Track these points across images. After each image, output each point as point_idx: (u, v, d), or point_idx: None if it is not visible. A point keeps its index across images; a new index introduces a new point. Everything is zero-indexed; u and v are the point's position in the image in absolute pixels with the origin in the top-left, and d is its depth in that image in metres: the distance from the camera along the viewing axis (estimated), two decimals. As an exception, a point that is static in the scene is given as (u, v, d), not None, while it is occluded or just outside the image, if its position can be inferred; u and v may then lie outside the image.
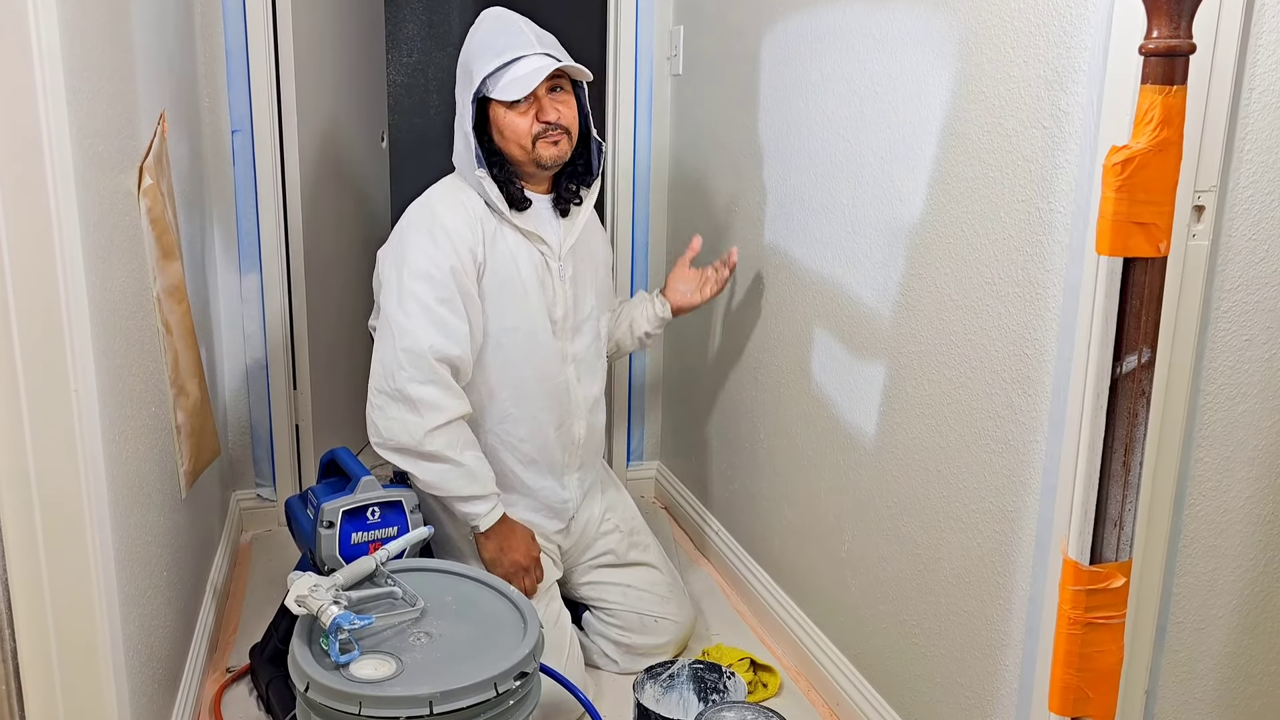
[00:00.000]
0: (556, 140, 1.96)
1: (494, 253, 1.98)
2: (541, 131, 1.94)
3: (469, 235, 1.95)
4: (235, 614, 2.37)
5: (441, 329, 1.90)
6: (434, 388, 1.89)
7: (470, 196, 1.99)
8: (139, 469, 1.63)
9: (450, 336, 1.91)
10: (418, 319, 1.90)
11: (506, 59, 1.91)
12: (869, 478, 1.91)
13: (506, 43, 1.93)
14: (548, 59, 1.92)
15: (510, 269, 1.99)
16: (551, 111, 1.94)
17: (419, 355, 1.89)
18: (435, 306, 1.90)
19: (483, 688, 1.39)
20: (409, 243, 1.95)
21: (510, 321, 2.00)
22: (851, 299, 1.94)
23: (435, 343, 1.89)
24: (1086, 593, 1.18)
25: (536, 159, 1.96)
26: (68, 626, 1.37)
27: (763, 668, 2.16)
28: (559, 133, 1.96)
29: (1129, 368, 1.11)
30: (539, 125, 1.94)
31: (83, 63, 1.40)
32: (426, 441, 1.89)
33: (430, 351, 1.89)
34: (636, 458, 3.11)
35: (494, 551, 1.98)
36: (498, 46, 1.93)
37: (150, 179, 1.76)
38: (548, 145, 1.96)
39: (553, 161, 1.98)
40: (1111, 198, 1.07)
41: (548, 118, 1.94)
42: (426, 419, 1.89)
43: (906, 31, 1.72)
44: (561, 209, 2.07)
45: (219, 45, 2.53)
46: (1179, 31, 1.04)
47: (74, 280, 1.30)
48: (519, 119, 1.94)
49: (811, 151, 2.07)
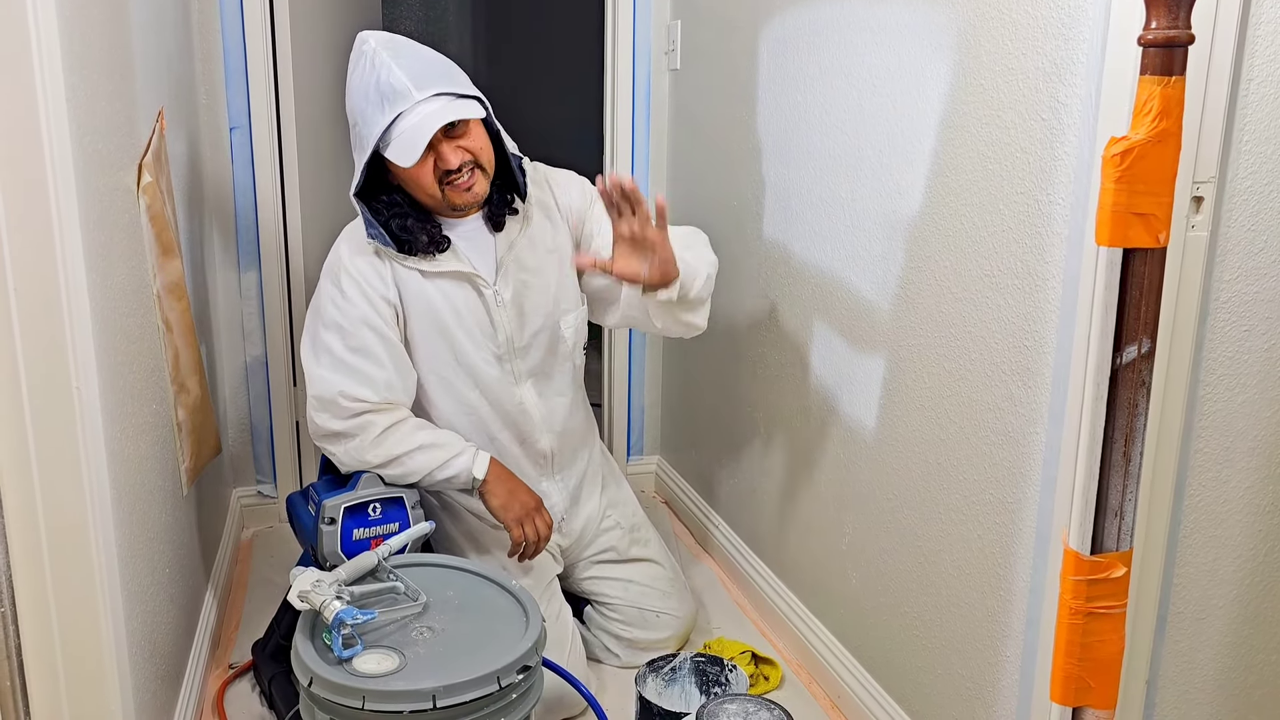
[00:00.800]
0: (469, 185, 1.85)
1: (409, 298, 1.91)
2: (444, 178, 1.84)
3: (379, 283, 1.89)
4: (237, 610, 2.38)
5: (353, 376, 1.87)
6: (353, 419, 1.88)
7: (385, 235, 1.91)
8: (141, 466, 1.63)
9: (364, 382, 1.87)
10: (327, 369, 1.88)
11: (390, 118, 1.77)
12: (869, 470, 1.92)
13: (382, 97, 1.78)
14: (433, 103, 1.77)
15: (428, 315, 1.93)
16: (453, 158, 1.81)
17: (330, 401, 1.88)
18: (347, 356, 1.88)
19: (485, 681, 1.39)
20: (321, 290, 1.92)
21: (445, 360, 1.96)
22: (851, 292, 1.94)
23: (345, 388, 1.87)
24: (1088, 583, 1.18)
25: (451, 203, 1.87)
26: (71, 623, 1.37)
27: (764, 661, 2.16)
28: (468, 174, 1.84)
29: (1129, 358, 1.12)
30: (441, 173, 1.83)
31: (81, 60, 1.40)
32: (374, 454, 1.88)
33: (340, 396, 1.87)
34: (636, 452, 3.11)
35: (504, 496, 1.93)
36: (374, 102, 1.79)
37: (149, 176, 1.76)
38: (459, 192, 1.85)
39: (470, 203, 1.89)
40: (1111, 189, 1.07)
41: (448, 165, 1.82)
42: (362, 438, 1.88)
43: (904, 24, 1.72)
44: (495, 222, 1.97)
45: (216, 42, 2.53)
46: (1178, 22, 1.04)
47: (75, 278, 1.31)
48: (419, 171, 1.82)
49: (810, 145, 2.07)
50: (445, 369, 1.97)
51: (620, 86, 2.82)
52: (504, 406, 2.02)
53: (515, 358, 2.00)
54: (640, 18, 2.80)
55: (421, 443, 1.90)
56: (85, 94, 1.41)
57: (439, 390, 1.98)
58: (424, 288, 1.92)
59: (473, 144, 1.85)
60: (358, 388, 1.87)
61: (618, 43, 2.79)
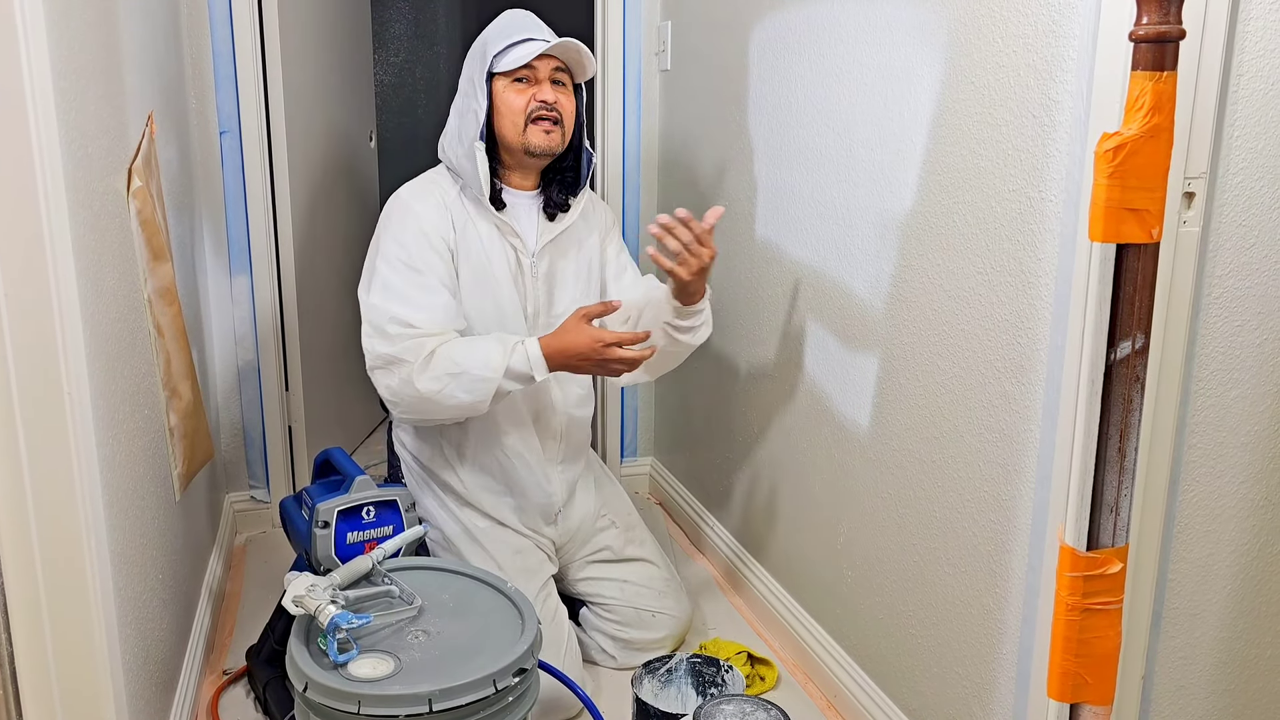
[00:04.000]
0: (549, 130, 1.98)
1: (464, 240, 2.00)
2: (536, 112, 1.96)
3: (438, 220, 1.98)
4: (231, 616, 2.37)
5: (406, 303, 1.91)
6: (403, 341, 1.90)
7: (443, 186, 2.03)
8: (133, 472, 1.62)
9: (416, 308, 1.91)
10: (380, 296, 1.93)
11: (520, 38, 1.97)
12: (864, 469, 1.92)
13: (521, 27, 1.99)
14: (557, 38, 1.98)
15: (481, 258, 2.01)
16: (549, 93, 1.97)
17: (380, 326, 1.91)
18: (400, 286, 1.93)
19: (482, 685, 1.39)
20: (381, 232, 2.00)
21: (483, 312, 2.01)
22: (844, 291, 1.94)
23: (396, 313, 1.90)
24: (1084, 578, 1.18)
25: (526, 145, 1.98)
26: (64, 630, 1.36)
27: (760, 661, 2.16)
28: (552, 120, 1.98)
29: (1123, 354, 1.12)
30: (535, 104, 1.96)
31: (70, 64, 1.39)
32: (424, 381, 1.88)
33: (391, 321, 1.90)
34: (630, 454, 3.11)
35: (575, 361, 1.90)
36: (511, 30, 1.99)
37: (139, 181, 1.75)
38: (539, 132, 1.98)
39: (542, 150, 1.99)
40: (1104, 184, 1.07)
41: (544, 97, 1.97)
42: (412, 361, 1.88)
43: (895, 23, 1.73)
44: (548, 212, 2.08)
45: (206, 46, 2.52)
46: (1169, 17, 1.04)
47: (66, 283, 1.30)
48: (516, 96, 1.97)
49: (801, 145, 2.07)
50: (487, 321, 2.01)
51: (611, 88, 2.82)
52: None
53: (539, 332, 2.03)
54: (630, 19, 2.80)
55: (470, 352, 1.89)
56: (74, 97, 1.40)
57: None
58: (479, 230, 2.00)
59: (566, 103, 2.02)
60: (410, 313, 1.91)
61: (608, 44, 2.79)
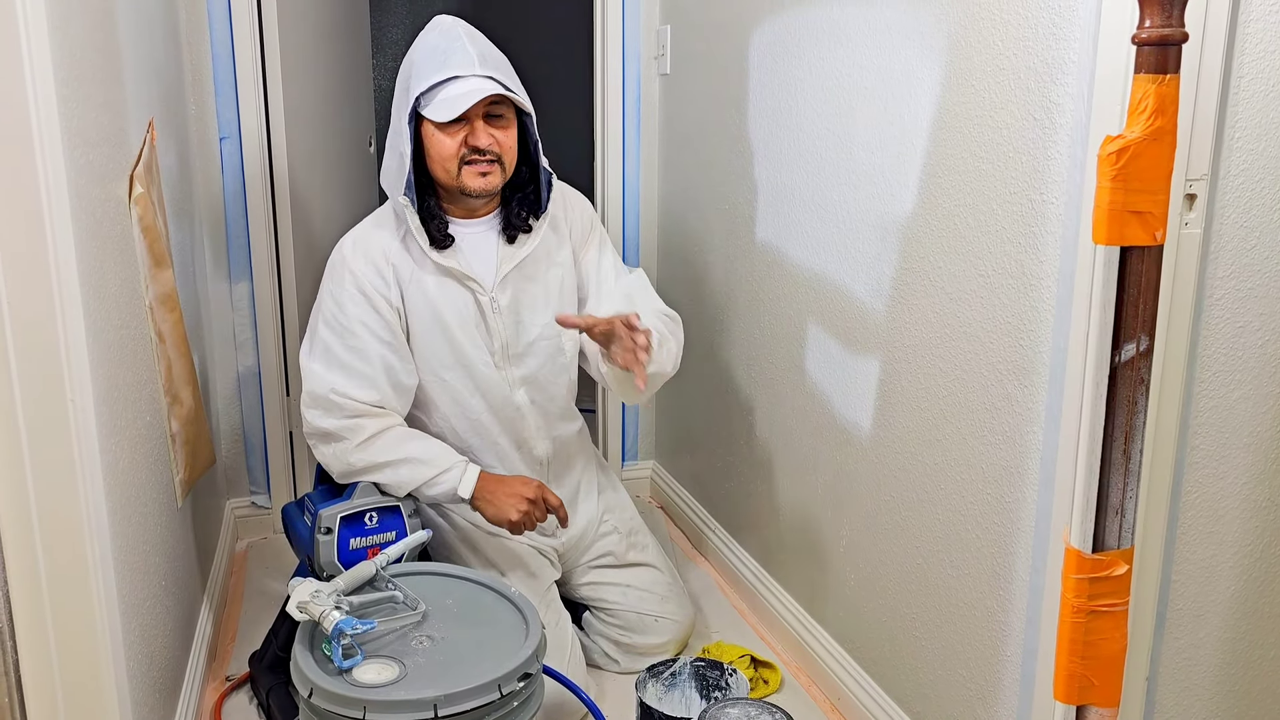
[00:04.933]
0: (485, 171, 1.87)
1: (409, 294, 1.92)
2: (467, 157, 1.85)
3: (376, 279, 1.90)
4: (233, 622, 2.37)
5: (347, 374, 1.88)
6: (343, 419, 1.88)
7: (386, 236, 1.93)
8: (135, 478, 1.62)
9: (358, 382, 1.88)
10: (322, 365, 1.90)
11: (443, 77, 1.81)
12: (866, 472, 1.92)
13: (445, 59, 1.83)
14: (489, 82, 1.81)
15: (428, 313, 1.93)
16: (483, 137, 1.84)
17: (322, 397, 1.88)
18: (343, 354, 1.89)
19: (486, 690, 1.39)
20: (323, 289, 1.94)
21: (444, 361, 1.96)
22: (845, 294, 1.94)
23: (338, 385, 1.88)
24: (1089, 580, 1.18)
25: (461, 186, 1.88)
26: (68, 637, 1.36)
27: (763, 664, 2.16)
28: (489, 162, 1.86)
29: (1127, 356, 1.12)
30: (465, 149, 1.84)
31: (72, 72, 1.40)
32: (359, 457, 1.88)
33: (332, 393, 1.88)
34: (631, 457, 3.11)
35: (493, 512, 1.91)
36: (436, 62, 1.83)
37: (141, 187, 1.75)
38: (474, 175, 1.86)
39: (479, 192, 1.88)
40: (1107, 187, 1.08)
41: (478, 143, 1.84)
42: (350, 440, 1.88)
43: (894, 26, 1.73)
44: (509, 234, 1.98)
45: (205, 52, 2.52)
46: (1171, 20, 1.04)
47: (69, 289, 1.30)
48: (447, 140, 1.84)
49: (802, 147, 2.07)
50: (445, 370, 1.97)
51: (610, 92, 2.82)
52: (503, 410, 2.02)
53: (510, 364, 2.01)
54: (630, 23, 2.80)
55: (409, 455, 1.89)
56: (76, 104, 1.40)
57: (440, 392, 1.99)
58: (424, 285, 1.93)
59: (505, 139, 1.89)
60: (351, 387, 1.88)
61: (607, 48, 2.80)
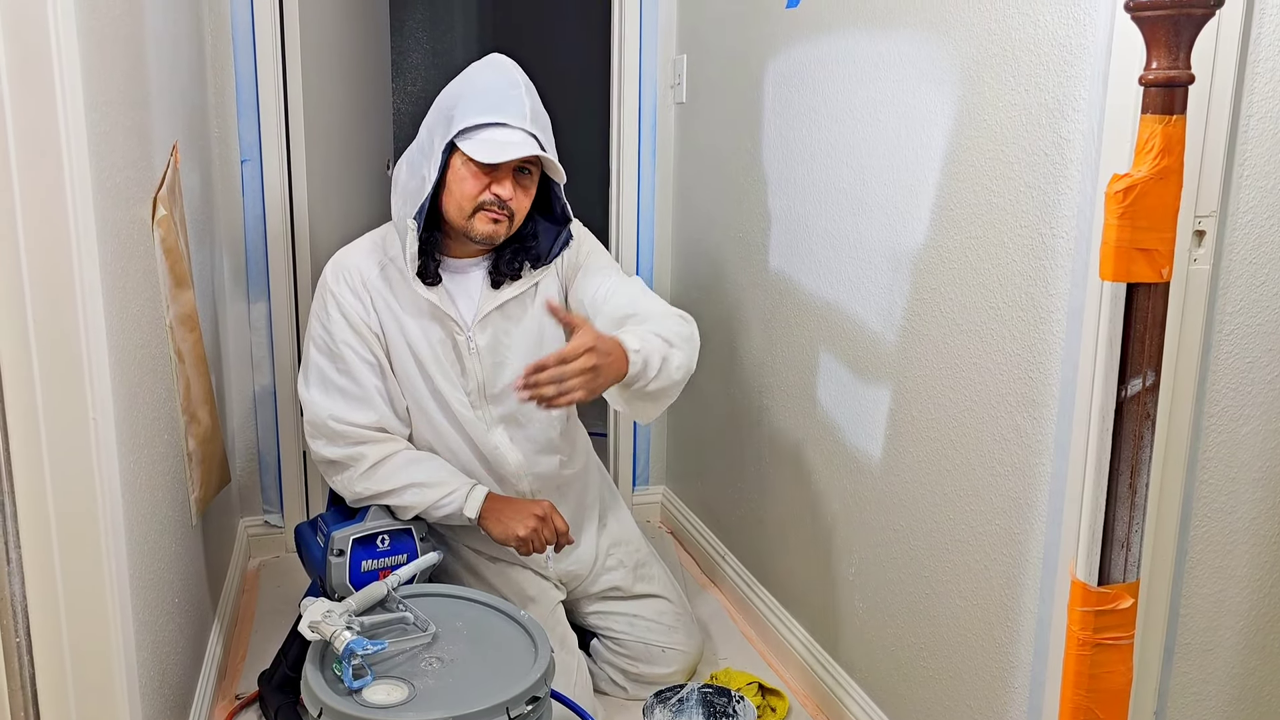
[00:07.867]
0: (497, 219, 1.86)
1: (385, 325, 1.94)
2: (485, 203, 1.85)
3: (356, 304, 1.93)
4: (244, 641, 2.38)
5: (343, 399, 1.91)
6: (346, 447, 1.91)
7: (365, 262, 1.95)
8: (153, 496, 1.64)
9: (354, 406, 1.91)
10: (318, 393, 1.93)
11: (492, 120, 1.81)
12: (875, 501, 1.92)
13: (500, 102, 1.83)
14: (533, 141, 1.82)
15: (403, 346, 1.95)
16: (508, 189, 1.84)
17: (321, 425, 1.91)
18: (336, 379, 1.92)
19: (495, 712, 1.40)
20: (313, 313, 1.97)
21: (423, 393, 1.98)
22: (856, 324, 1.96)
23: (335, 412, 1.91)
24: (1095, 614, 1.19)
25: (468, 230, 1.87)
26: (83, 653, 1.38)
27: (771, 692, 2.16)
28: (503, 213, 1.86)
29: (1134, 391, 1.13)
30: (489, 195, 1.84)
31: (101, 98, 1.43)
32: (365, 486, 1.91)
33: (331, 420, 1.90)
34: (642, 482, 3.12)
35: (500, 530, 1.91)
36: (489, 102, 1.82)
37: (164, 209, 1.78)
38: (485, 220, 1.86)
39: (485, 239, 1.88)
40: (1114, 225, 1.09)
41: (501, 192, 1.83)
42: (355, 468, 1.91)
43: (909, 58, 1.75)
44: (495, 280, 1.98)
45: (229, 76, 2.56)
46: (1178, 62, 1.06)
47: (93, 309, 1.32)
48: (472, 181, 1.83)
49: (815, 178, 2.09)
50: (424, 401, 1.98)
51: (627, 120, 2.85)
52: (482, 448, 2.02)
53: (488, 404, 2.00)
54: (647, 52, 2.83)
55: (413, 480, 1.91)
56: (105, 130, 1.44)
57: (421, 422, 2.00)
58: (399, 317, 1.94)
59: (524, 200, 1.90)
60: (349, 411, 1.91)
61: (624, 77, 2.83)
